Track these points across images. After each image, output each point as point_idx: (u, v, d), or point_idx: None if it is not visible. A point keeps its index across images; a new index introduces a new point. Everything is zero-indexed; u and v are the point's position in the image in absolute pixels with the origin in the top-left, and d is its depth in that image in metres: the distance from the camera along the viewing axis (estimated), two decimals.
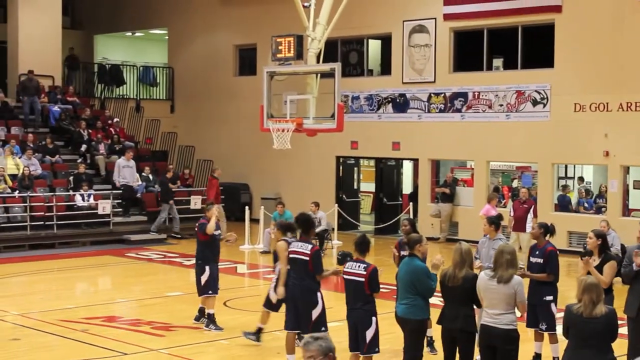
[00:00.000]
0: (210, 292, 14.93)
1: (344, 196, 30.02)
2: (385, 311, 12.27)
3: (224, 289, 17.65)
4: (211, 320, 14.94)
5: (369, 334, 10.87)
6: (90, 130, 30.27)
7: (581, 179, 27.69)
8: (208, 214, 14.99)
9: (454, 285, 10.14)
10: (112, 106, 34.43)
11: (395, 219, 27.96)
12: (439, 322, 10.51)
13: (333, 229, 26.19)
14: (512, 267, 9.77)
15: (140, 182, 28.40)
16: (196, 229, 15.26)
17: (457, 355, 10.29)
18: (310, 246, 11.87)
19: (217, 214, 15.10)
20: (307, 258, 11.74)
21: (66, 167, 28.60)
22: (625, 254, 11.74)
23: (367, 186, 31.89)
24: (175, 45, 36.11)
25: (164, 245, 26.05)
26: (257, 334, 13.89)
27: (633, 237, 19.16)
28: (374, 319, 10.89)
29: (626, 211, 24.63)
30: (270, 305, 13.66)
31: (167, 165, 30.99)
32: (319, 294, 11.84)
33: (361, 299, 10.87)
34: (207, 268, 14.86)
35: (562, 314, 9.35)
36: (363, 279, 10.77)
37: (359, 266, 10.87)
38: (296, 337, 12.17)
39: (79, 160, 28.81)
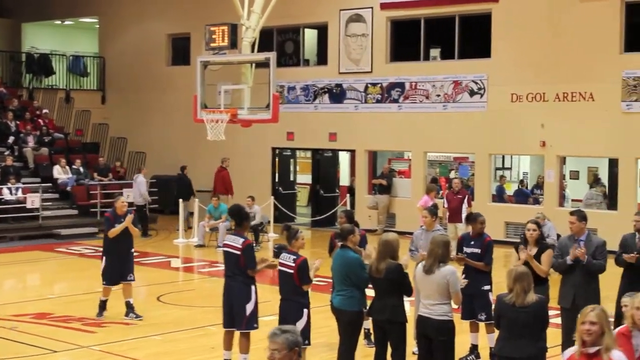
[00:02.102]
0: (103, 282, 15.27)
1: (280, 188, 30.04)
2: (320, 304, 12.33)
3: (157, 283, 17.65)
4: (101, 307, 15.36)
5: (299, 325, 10.77)
6: (18, 122, 29.91)
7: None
8: (119, 208, 15.13)
9: (378, 277, 10.26)
10: (40, 97, 34.02)
11: (332, 211, 28.03)
12: (368, 314, 10.62)
13: (269, 222, 26.20)
14: (443, 259, 9.90)
15: (70, 175, 28.13)
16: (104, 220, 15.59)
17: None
18: (242, 240, 11.64)
19: (129, 221, 15.09)
20: (239, 252, 11.60)
21: None
22: (557, 245, 11.98)
23: (304, 178, 31.92)
24: (106, 34, 35.76)
25: (95, 240, 25.74)
26: None
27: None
28: (305, 311, 10.92)
29: (563, 201, 25.02)
30: None
31: (97, 157, 30.75)
32: (252, 288, 11.70)
33: (291, 291, 10.92)
34: (103, 259, 15.29)
35: None
36: (292, 271, 10.81)
37: (289, 257, 10.92)
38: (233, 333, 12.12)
39: (6, 153, 28.44)
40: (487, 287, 12.24)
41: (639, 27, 23.72)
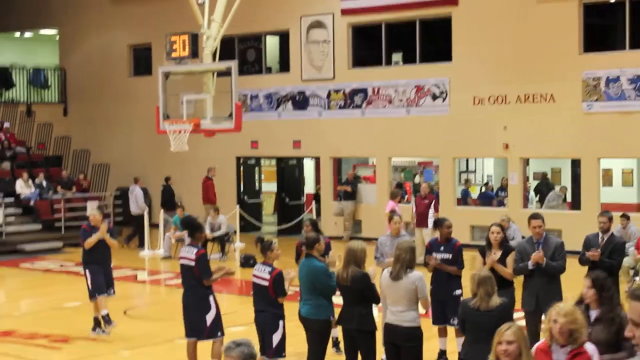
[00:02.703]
0: (92, 298, 14.92)
1: (245, 197, 30.00)
2: (289, 313, 12.31)
3: (124, 297, 17.52)
4: (105, 320, 14.85)
5: (276, 337, 10.88)
6: None
7: None
8: (92, 219, 14.92)
9: (345, 285, 10.28)
10: (1, 111, 33.74)
11: (298, 219, 28.02)
12: (337, 323, 10.63)
13: (235, 232, 26.15)
14: (410, 265, 9.92)
15: (33, 190, 27.94)
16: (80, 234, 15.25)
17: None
18: (195, 250, 11.68)
19: (104, 231, 14.87)
20: (193, 263, 11.60)
21: None
22: (517, 249, 12.04)
23: (269, 186, 31.92)
24: (66, 45, 35.56)
25: (60, 254, 25.62)
26: None
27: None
28: (281, 322, 10.93)
29: (527, 203, 25.17)
30: None
31: (60, 171, 30.56)
32: (211, 297, 11.71)
33: (267, 302, 10.91)
34: (87, 272, 14.93)
35: None
36: (267, 283, 10.80)
37: (264, 269, 10.90)
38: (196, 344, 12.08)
39: None
40: (458, 292, 12.28)
41: (597, 27, 23.97)
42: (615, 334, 8.00)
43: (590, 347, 7.21)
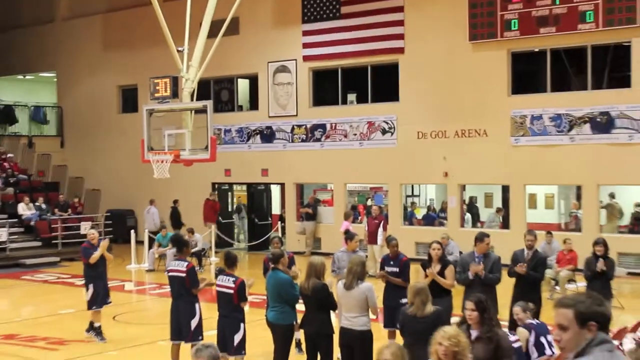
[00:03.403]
0: (94, 307, 14.75)
1: (220, 218, 29.90)
2: (257, 318, 12.32)
3: (113, 304, 17.39)
4: (97, 332, 14.73)
5: (237, 337, 10.86)
6: None
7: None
8: (91, 238, 14.83)
9: (306, 294, 10.29)
10: (5, 143, 33.48)
11: (266, 236, 27.98)
12: (300, 327, 10.63)
13: (210, 248, 26.07)
14: (361, 277, 9.97)
15: (33, 211, 27.75)
16: (81, 251, 15.11)
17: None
18: (185, 263, 11.74)
19: (105, 247, 14.82)
20: (184, 275, 11.63)
21: None
22: (459, 262, 12.16)
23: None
24: (63, 86, 35.38)
25: (57, 268, 25.41)
26: None
27: (469, 245, 19.61)
28: (242, 325, 10.92)
29: (463, 223, 25.32)
30: None
31: (58, 195, 30.35)
32: (196, 305, 11.74)
33: (230, 308, 10.90)
34: (90, 286, 14.72)
35: None
36: (232, 291, 10.80)
37: (228, 279, 10.90)
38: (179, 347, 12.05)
39: None
40: (404, 300, 12.27)
41: (523, 72, 24.23)
42: (494, 351, 7.81)
43: None
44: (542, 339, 10.08)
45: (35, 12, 35.91)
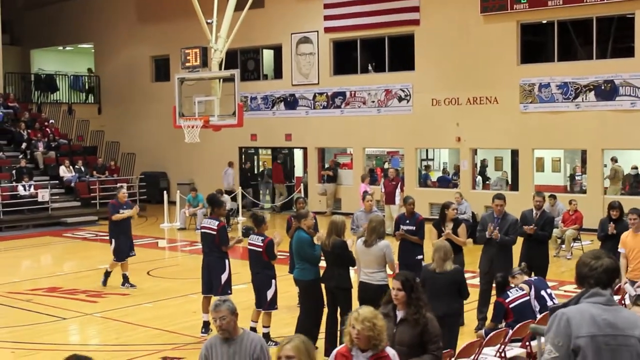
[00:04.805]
0: (114, 259, 15.31)
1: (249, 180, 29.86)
2: (283, 274, 12.32)
3: (147, 260, 17.48)
4: (125, 279, 15.38)
5: (269, 293, 10.91)
6: (29, 131, 29.47)
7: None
8: (121, 197, 15.34)
9: (327, 250, 10.26)
10: (47, 110, 33.53)
11: (290, 197, 27.97)
12: (321, 281, 10.60)
13: (238, 208, 26.12)
14: (381, 235, 9.92)
15: (73, 174, 27.87)
16: (108, 207, 15.65)
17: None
18: (217, 222, 11.73)
19: (135, 213, 15.41)
20: (215, 232, 11.63)
21: (9, 162, 27.71)
22: (480, 221, 12.07)
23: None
24: (100, 56, 35.34)
25: (95, 226, 25.54)
26: None
27: (480, 206, 19.70)
28: (273, 281, 10.93)
29: (475, 184, 25.20)
30: None
31: (96, 158, 30.46)
32: (226, 261, 11.76)
33: (261, 265, 10.90)
34: (113, 241, 15.29)
35: None
36: (261, 249, 10.79)
37: (257, 238, 10.91)
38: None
39: (20, 157, 27.98)
40: (420, 257, 12.26)
41: (531, 43, 23.96)
42: (419, 335, 6.71)
43: (391, 352, 5.81)
44: (543, 292, 10.11)
45: None
